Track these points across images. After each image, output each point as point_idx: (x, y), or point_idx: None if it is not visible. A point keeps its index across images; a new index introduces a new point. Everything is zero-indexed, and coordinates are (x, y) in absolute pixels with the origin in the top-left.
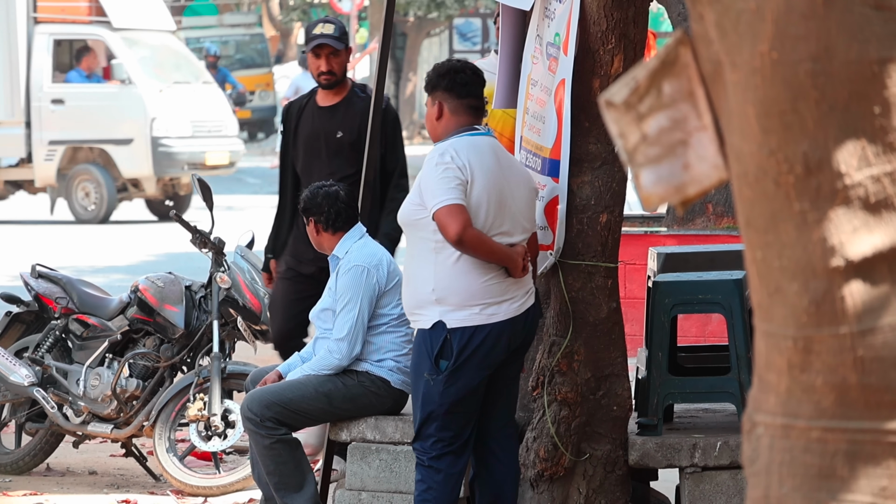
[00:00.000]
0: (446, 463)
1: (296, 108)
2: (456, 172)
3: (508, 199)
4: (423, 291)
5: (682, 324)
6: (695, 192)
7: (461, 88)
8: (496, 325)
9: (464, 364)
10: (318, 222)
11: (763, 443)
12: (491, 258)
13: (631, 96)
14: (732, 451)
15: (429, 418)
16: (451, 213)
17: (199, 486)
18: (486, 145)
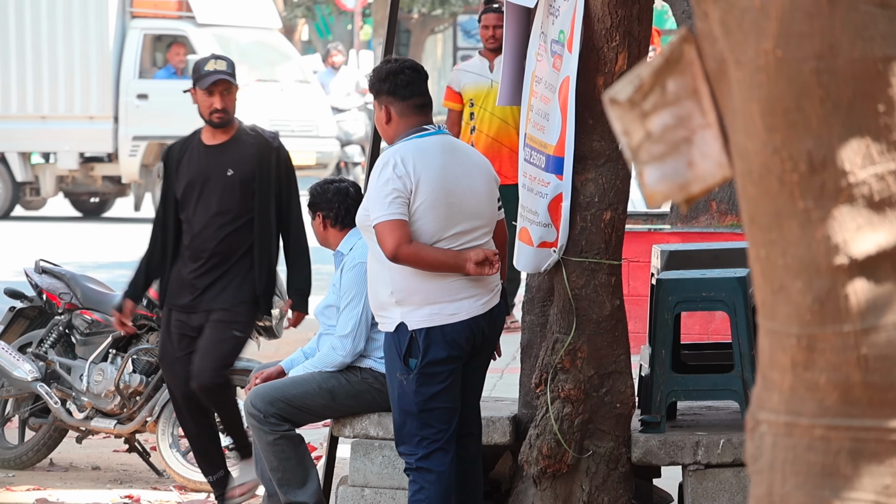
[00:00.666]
0: (435, 461)
1: (177, 149)
2: (396, 184)
3: (464, 195)
4: (383, 294)
5: (686, 321)
6: (699, 189)
7: (404, 90)
8: (457, 325)
9: (431, 363)
10: (327, 217)
11: (766, 440)
12: (434, 269)
13: (635, 94)
14: (736, 448)
15: (407, 418)
16: (388, 229)
17: (202, 482)
18: (434, 145)
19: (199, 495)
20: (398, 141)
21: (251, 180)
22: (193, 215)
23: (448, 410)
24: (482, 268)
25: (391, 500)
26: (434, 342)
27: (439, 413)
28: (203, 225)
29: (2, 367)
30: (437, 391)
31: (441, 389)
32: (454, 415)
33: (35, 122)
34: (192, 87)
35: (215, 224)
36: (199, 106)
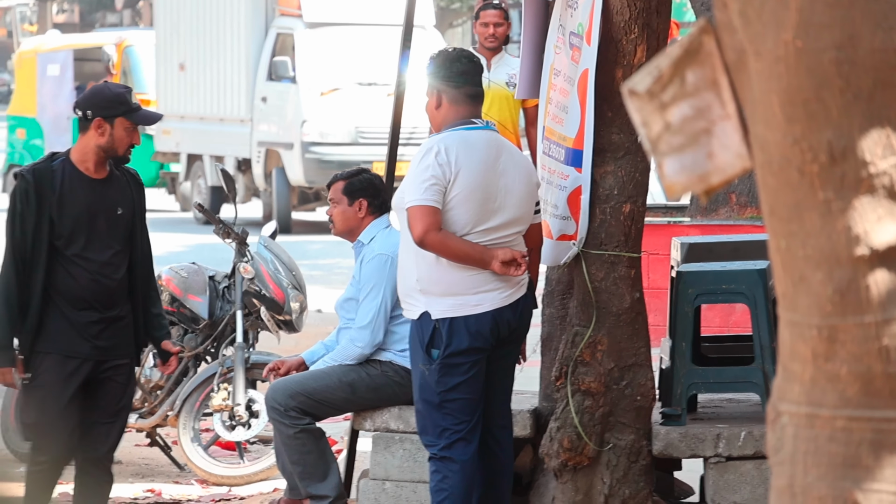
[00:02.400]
0: (458, 450)
1: (48, 176)
2: (435, 171)
3: (501, 192)
4: (409, 281)
5: (706, 314)
6: (718, 181)
7: (458, 78)
8: (481, 316)
9: (453, 353)
10: (371, 205)
11: (787, 432)
12: (458, 260)
13: (654, 85)
14: (757, 440)
15: (429, 408)
16: (419, 214)
17: (224, 476)
18: (479, 139)
19: (221, 489)
20: (445, 129)
21: (133, 217)
22: (86, 252)
23: (469, 402)
24: (508, 268)
25: (412, 494)
26: (457, 332)
27: (461, 404)
28: (101, 264)
29: None
30: (458, 382)
31: (463, 381)
32: (476, 406)
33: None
34: (108, 115)
35: (114, 264)
36: (111, 137)
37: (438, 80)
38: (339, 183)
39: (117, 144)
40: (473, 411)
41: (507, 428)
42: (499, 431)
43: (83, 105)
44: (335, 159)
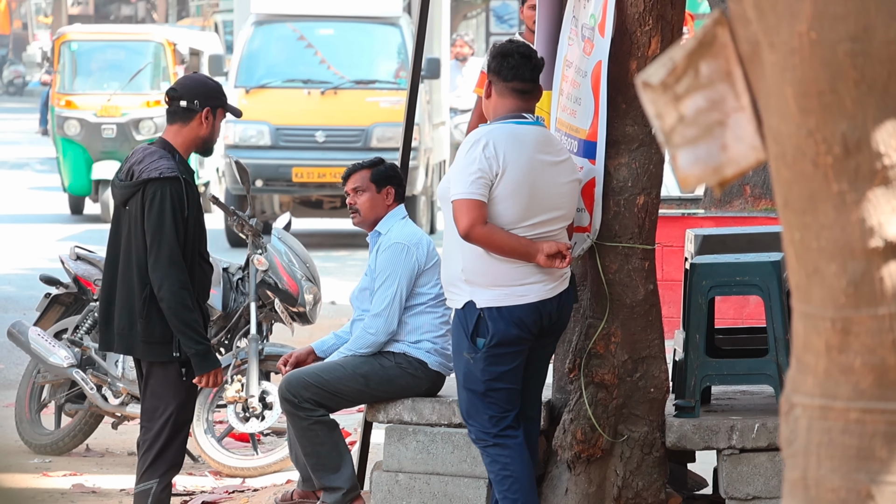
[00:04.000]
0: (510, 437)
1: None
2: (482, 164)
3: (547, 188)
4: (454, 270)
5: (720, 306)
6: (732, 173)
7: (507, 71)
8: (525, 307)
9: (499, 343)
10: (397, 193)
11: (801, 424)
12: (504, 253)
13: (668, 77)
14: (770, 432)
15: (474, 397)
16: (465, 208)
17: (237, 468)
18: (528, 134)
19: (235, 480)
20: (495, 121)
21: None
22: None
23: (512, 391)
24: (553, 260)
25: (425, 486)
26: (503, 322)
27: (505, 393)
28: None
29: (38, 353)
30: (503, 371)
31: (508, 370)
32: (518, 396)
33: None
34: (214, 105)
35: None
36: (212, 129)
37: (491, 71)
38: (363, 171)
39: (215, 135)
40: (516, 400)
41: (535, 420)
42: (527, 423)
43: (188, 94)
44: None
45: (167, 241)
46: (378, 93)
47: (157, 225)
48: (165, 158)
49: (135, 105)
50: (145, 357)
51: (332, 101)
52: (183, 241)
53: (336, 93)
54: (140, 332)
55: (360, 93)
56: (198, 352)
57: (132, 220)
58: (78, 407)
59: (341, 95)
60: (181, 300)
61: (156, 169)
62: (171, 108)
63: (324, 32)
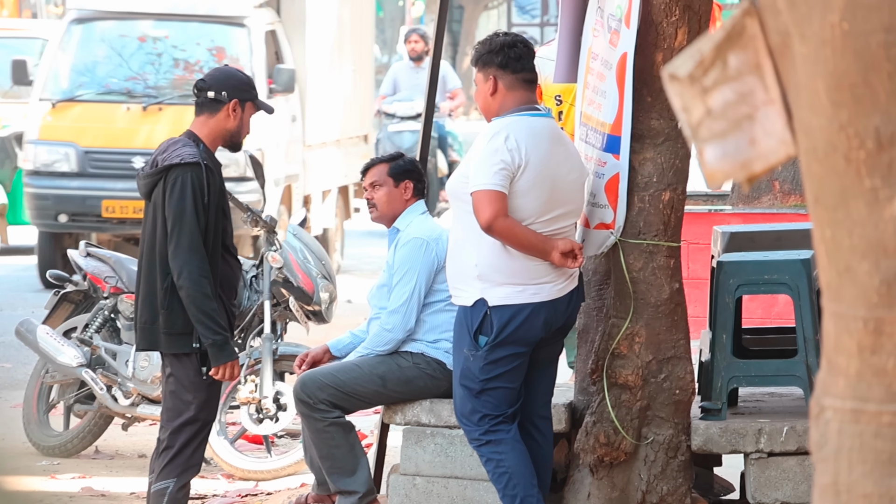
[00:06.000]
0: (502, 431)
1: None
2: (504, 156)
3: (563, 182)
4: (466, 266)
5: (748, 305)
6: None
7: (515, 63)
8: (537, 305)
9: (503, 341)
10: (416, 188)
11: (832, 428)
12: (520, 248)
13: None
14: (800, 436)
15: (469, 394)
16: (487, 199)
17: (251, 470)
18: (544, 128)
19: (248, 484)
20: (507, 115)
21: None
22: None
23: (510, 392)
24: (566, 259)
25: (443, 489)
26: (511, 321)
27: (501, 393)
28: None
29: (46, 352)
30: (502, 371)
31: (507, 370)
32: (516, 397)
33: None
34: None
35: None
36: (240, 122)
37: (493, 67)
38: (381, 165)
39: (244, 130)
40: (513, 402)
41: (549, 419)
42: (541, 422)
43: (216, 86)
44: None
45: (188, 228)
46: None
47: (177, 211)
48: (189, 146)
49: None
50: (167, 349)
51: (155, 119)
52: (204, 228)
53: (161, 108)
54: (162, 325)
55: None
56: (215, 342)
57: (156, 209)
58: (87, 408)
59: (168, 112)
60: (200, 288)
61: (178, 156)
62: (199, 99)
63: (156, 34)
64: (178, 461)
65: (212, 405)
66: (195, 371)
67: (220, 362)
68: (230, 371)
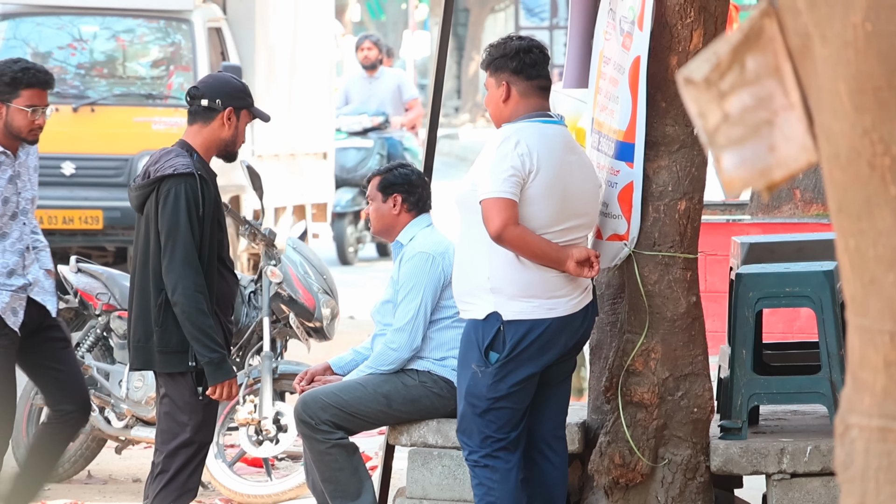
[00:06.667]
0: (501, 459)
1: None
2: (515, 162)
3: (576, 191)
4: (476, 279)
5: (768, 319)
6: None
7: (531, 69)
8: (555, 321)
9: (516, 358)
10: (406, 201)
11: (858, 447)
12: (533, 258)
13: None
14: (824, 456)
15: (474, 413)
16: (497, 207)
17: (250, 494)
18: (557, 135)
19: None
20: (518, 121)
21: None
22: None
23: (516, 412)
24: (582, 268)
25: None
26: (526, 337)
27: (507, 413)
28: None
29: None
30: (512, 392)
31: (517, 390)
32: (521, 419)
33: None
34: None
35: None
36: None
37: (507, 72)
38: (374, 178)
39: (239, 139)
40: (517, 424)
41: (563, 439)
42: (555, 442)
43: (210, 93)
44: None
45: (182, 241)
46: (151, 111)
47: (170, 223)
48: (182, 156)
49: None
50: (161, 369)
51: (87, 122)
52: (199, 241)
53: (93, 110)
54: (156, 343)
55: (126, 111)
56: (212, 360)
57: (148, 222)
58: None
59: (101, 114)
60: (196, 304)
61: (170, 166)
62: (192, 107)
63: (86, 30)
64: (173, 486)
65: (208, 427)
66: (191, 391)
67: (217, 381)
68: (227, 390)
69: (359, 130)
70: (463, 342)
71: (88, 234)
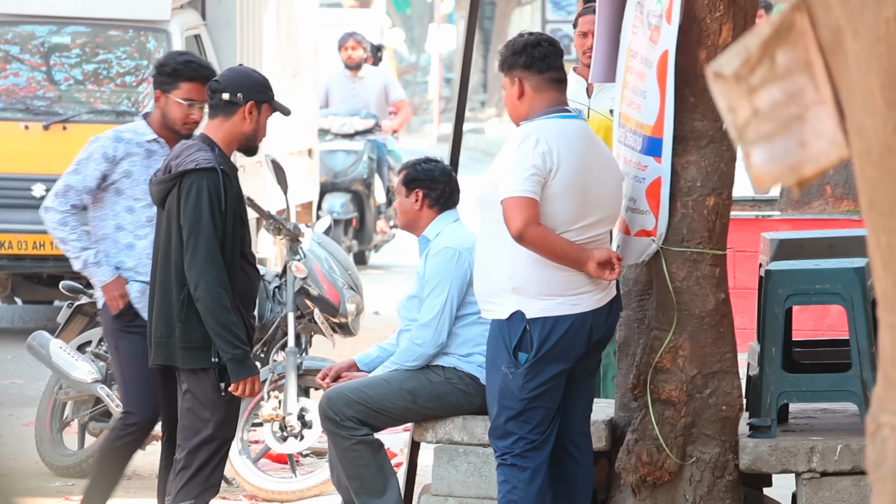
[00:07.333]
0: (531, 458)
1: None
2: (536, 161)
3: (597, 187)
4: (498, 279)
5: (798, 316)
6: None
7: (541, 63)
8: (579, 316)
9: (545, 356)
10: (428, 196)
11: (889, 446)
12: (554, 258)
13: (742, 67)
14: (854, 455)
15: (508, 414)
16: (518, 206)
17: (274, 491)
18: (577, 130)
19: None
20: (536, 118)
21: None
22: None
23: (549, 411)
24: (603, 270)
25: None
26: (552, 334)
27: (541, 413)
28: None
29: (59, 367)
30: (544, 390)
31: (548, 388)
32: (554, 416)
33: None
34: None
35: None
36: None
37: (518, 68)
38: (401, 172)
39: (260, 133)
40: (551, 421)
41: (588, 436)
42: (580, 439)
43: (231, 87)
44: None
45: (204, 237)
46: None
47: (193, 219)
48: (204, 150)
49: None
50: (184, 364)
51: (59, 140)
52: (221, 236)
53: (66, 128)
54: (178, 338)
55: (100, 129)
56: (234, 356)
57: (170, 217)
58: (103, 426)
59: (73, 132)
60: (219, 300)
61: (192, 161)
62: (213, 101)
63: (57, 41)
64: (195, 482)
65: (230, 423)
66: (213, 387)
67: (240, 378)
68: (250, 387)
69: (349, 133)
70: (490, 344)
71: (61, 259)
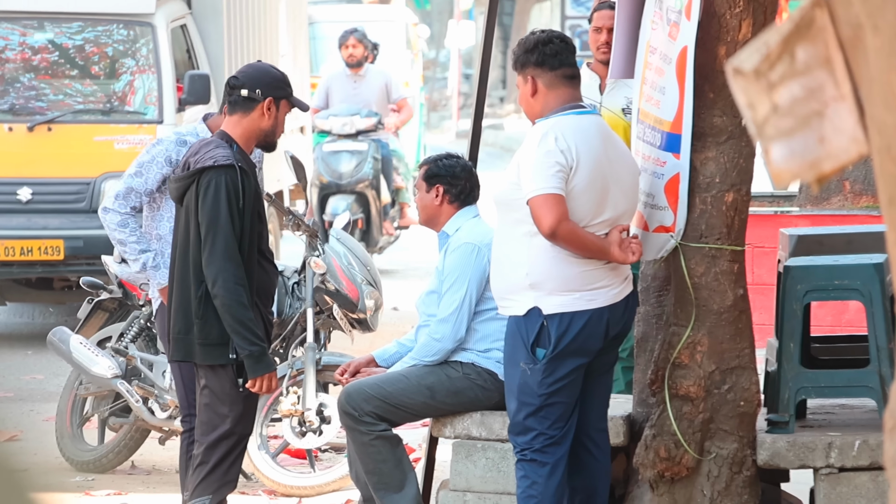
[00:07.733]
0: (550, 453)
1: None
2: (558, 157)
3: (615, 182)
4: (515, 276)
5: (816, 312)
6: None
7: (552, 59)
8: (596, 311)
9: (562, 352)
10: (448, 192)
11: None
12: (583, 252)
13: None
14: (873, 450)
15: (527, 410)
16: (547, 204)
17: (293, 486)
18: (592, 126)
19: (290, 500)
20: (552, 115)
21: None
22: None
23: (568, 406)
24: (626, 253)
25: None
26: (570, 330)
27: (560, 408)
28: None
29: (80, 363)
30: (562, 385)
31: (567, 384)
32: (573, 411)
33: None
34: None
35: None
36: (275, 121)
37: (530, 66)
38: (422, 168)
39: (279, 129)
40: (570, 416)
41: (606, 431)
42: (598, 435)
43: (250, 83)
44: None
45: (222, 233)
46: (112, 128)
47: (211, 216)
48: (222, 147)
49: None
50: (202, 360)
51: (43, 142)
52: (239, 233)
53: (51, 129)
54: (197, 334)
55: (85, 129)
56: (252, 353)
57: (188, 214)
58: (123, 421)
59: (58, 133)
60: (236, 296)
61: (210, 157)
62: (232, 97)
63: (39, 37)
64: (213, 477)
65: (248, 418)
66: (231, 383)
67: (257, 374)
68: (267, 383)
69: (351, 133)
70: (508, 341)
71: (49, 265)
